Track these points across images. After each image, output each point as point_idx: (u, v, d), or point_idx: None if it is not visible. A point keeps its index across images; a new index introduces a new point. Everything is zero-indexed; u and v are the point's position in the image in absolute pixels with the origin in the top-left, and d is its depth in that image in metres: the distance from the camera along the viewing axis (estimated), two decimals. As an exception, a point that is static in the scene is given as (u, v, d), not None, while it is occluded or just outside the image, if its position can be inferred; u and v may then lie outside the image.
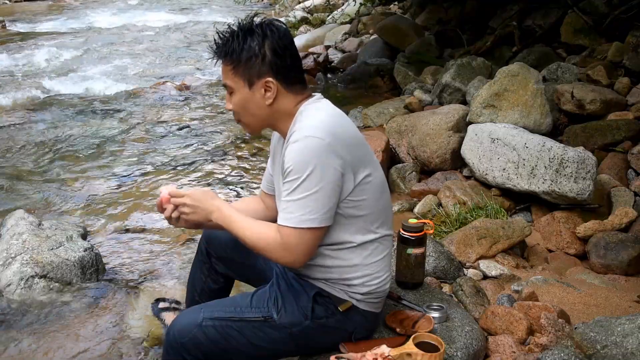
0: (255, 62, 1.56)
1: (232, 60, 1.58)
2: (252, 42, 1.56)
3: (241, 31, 1.58)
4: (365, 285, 1.65)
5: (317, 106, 1.61)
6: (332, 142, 1.49)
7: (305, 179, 1.47)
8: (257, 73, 1.57)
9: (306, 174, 1.47)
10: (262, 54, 1.56)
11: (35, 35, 9.59)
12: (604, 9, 5.32)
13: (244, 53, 1.56)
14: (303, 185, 1.48)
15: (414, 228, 2.06)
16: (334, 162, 1.49)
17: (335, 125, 1.55)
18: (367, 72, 6.43)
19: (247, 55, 1.56)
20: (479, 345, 1.86)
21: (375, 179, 1.63)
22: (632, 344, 1.76)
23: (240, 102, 1.62)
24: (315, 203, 1.49)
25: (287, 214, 1.51)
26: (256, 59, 1.56)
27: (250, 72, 1.57)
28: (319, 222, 1.51)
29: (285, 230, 1.52)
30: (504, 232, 2.81)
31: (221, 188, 3.81)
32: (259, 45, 1.56)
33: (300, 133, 1.51)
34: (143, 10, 13.42)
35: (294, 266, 1.59)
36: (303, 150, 1.48)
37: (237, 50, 1.57)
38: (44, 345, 2.20)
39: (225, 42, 1.59)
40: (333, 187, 1.50)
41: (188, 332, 1.62)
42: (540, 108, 3.62)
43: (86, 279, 2.60)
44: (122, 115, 5.31)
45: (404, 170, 3.81)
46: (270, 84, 1.58)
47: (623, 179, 3.37)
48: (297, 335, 1.65)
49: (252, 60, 1.56)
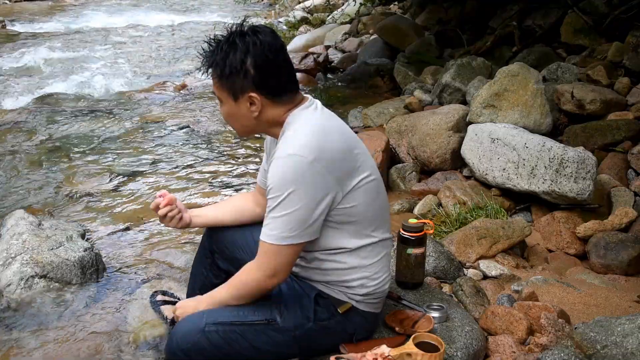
0: (238, 78, 1.54)
1: (216, 72, 1.58)
2: (235, 57, 1.53)
3: (225, 44, 1.55)
4: (364, 287, 1.65)
5: (304, 117, 1.58)
6: (316, 159, 1.48)
7: (285, 199, 1.48)
8: (240, 88, 1.55)
9: (287, 193, 1.48)
10: (244, 70, 1.53)
11: (35, 35, 9.59)
12: (604, 9, 5.32)
13: (227, 68, 1.54)
14: (283, 204, 1.49)
15: (414, 228, 2.06)
16: (317, 179, 1.49)
17: (320, 140, 1.52)
18: (367, 72, 6.43)
19: (229, 70, 1.54)
20: (479, 345, 1.86)
21: (368, 183, 1.61)
22: (632, 344, 1.76)
23: (227, 112, 1.64)
24: (296, 220, 1.50)
25: (268, 230, 1.53)
26: (237, 75, 1.54)
27: (234, 86, 1.56)
28: (299, 238, 1.53)
29: (266, 246, 1.54)
30: (504, 232, 2.81)
31: (221, 188, 3.81)
32: (241, 61, 1.52)
33: (284, 150, 1.51)
34: (143, 10, 13.41)
35: (279, 282, 1.60)
36: (285, 169, 1.48)
37: (220, 64, 1.56)
38: (43, 345, 2.20)
39: (210, 54, 1.59)
40: (317, 203, 1.50)
41: (191, 338, 1.61)
42: (540, 108, 3.62)
43: (86, 279, 2.60)
44: (122, 115, 5.31)
45: (404, 170, 3.81)
46: (254, 99, 1.56)
47: (623, 179, 3.37)
48: (300, 338, 1.65)
49: (233, 75, 1.54)
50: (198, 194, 3.71)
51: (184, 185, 3.84)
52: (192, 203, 3.56)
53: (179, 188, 3.77)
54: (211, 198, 3.64)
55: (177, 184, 3.84)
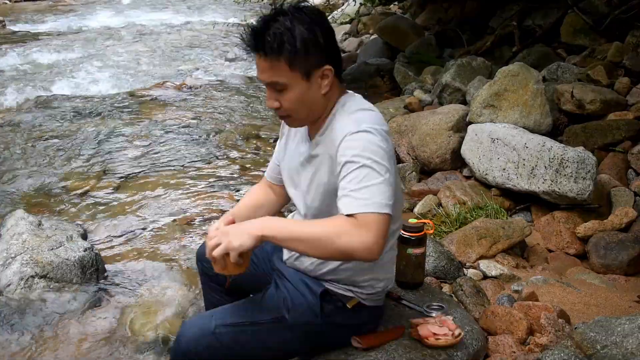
0: (313, 52, 1.45)
1: (287, 54, 1.43)
2: (304, 30, 1.44)
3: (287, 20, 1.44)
4: (372, 287, 1.66)
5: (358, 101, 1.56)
6: (387, 136, 1.47)
7: (377, 165, 1.38)
8: (314, 62, 1.46)
9: (377, 160, 1.38)
10: (317, 42, 1.45)
11: (34, 35, 9.58)
12: (604, 9, 5.31)
13: (300, 44, 1.43)
14: (376, 171, 1.37)
15: (414, 228, 2.06)
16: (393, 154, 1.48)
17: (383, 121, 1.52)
18: (367, 72, 6.43)
19: (303, 45, 1.43)
20: (479, 345, 1.86)
21: (398, 182, 1.61)
22: (632, 344, 1.76)
23: (296, 97, 1.49)
24: (388, 189, 1.38)
25: (363, 200, 1.34)
26: (313, 48, 1.45)
27: (307, 62, 1.45)
28: (391, 209, 1.38)
29: (365, 217, 1.33)
30: (504, 232, 2.81)
31: (221, 188, 3.81)
32: (312, 32, 1.44)
33: (360, 125, 1.43)
34: (143, 10, 13.41)
35: (374, 256, 1.35)
36: (366, 140, 1.41)
37: (291, 42, 1.43)
38: (43, 345, 2.20)
39: (273, 36, 1.43)
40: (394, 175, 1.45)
41: (202, 340, 1.57)
42: (540, 108, 3.61)
43: (86, 279, 2.60)
44: (122, 115, 5.31)
45: (404, 170, 3.81)
46: (327, 72, 1.49)
47: (623, 179, 3.37)
48: (309, 334, 1.64)
49: (310, 50, 1.44)
50: (198, 193, 3.71)
51: (184, 185, 3.83)
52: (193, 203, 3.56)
53: (179, 188, 3.77)
54: (211, 198, 3.64)
55: (177, 184, 3.84)
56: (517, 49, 5.66)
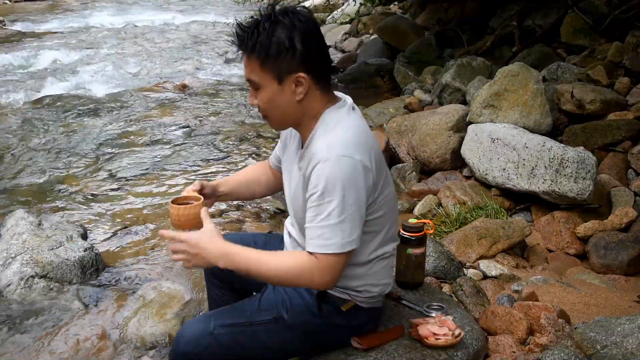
0: (285, 56, 1.44)
1: (259, 55, 1.45)
2: (281, 33, 1.44)
3: (267, 22, 1.44)
4: (368, 292, 1.66)
5: (343, 117, 1.52)
6: (364, 160, 1.44)
7: (340, 203, 1.41)
8: (287, 68, 1.45)
9: (340, 197, 1.41)
10: (293, 48, 1.44)
11: (34, 35, 9.58)
12: (604, 9, 5.32)
13: (273, 47, 1.44)
14: (338, 209, 1.42)
15: (414, 228, 2.06)
16: (364, 182, 1.45)
17: (367, 138, 1.49)
18: (367, 72, 6.44)
19: (276, 49, 1.44)
20: (479, 345, 1.85)
21: (390, 193, 1.60)
22: (632, 344, 1.76)
23: (268, 98, 1.50)
24: (352, 225, 1.44)
25: (324, 240, 1.44)
26: (285, 53, 1.44)
27: (280, 66, 1.45)
28: (355, 243, 1.48)
29: (325, 257, 1.45)
30: (504, 232, 2.81)
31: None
32: (289, 38, 1.44)
33: (331, 151, 1.43)
34: (143, 10, 13.41)
35: (328, 288, 1.54)
36: (335, 172, 1.41)
37: (265, 44, 1.44)
38: (43, 345, 2.20)
39: (251, 35, 1.45)
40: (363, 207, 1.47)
41: (201, 341, 1.58)
42: (540, 108, 3.62)
43: (86, 279, 2.60)
44: (122, 115, 5.31)
45: (404, 170, 3.81)
46: (301, 79, 1.47)
47: (623, 179, 3.37)
48: (309, 334, 1.65)
49: (281, 54, 1.44)
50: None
51: (183, 184, 3.83)
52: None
53: (178, 188, 3.77)
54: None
55: (177, 184, 3.84)
56: (517, 49, 5.67)
